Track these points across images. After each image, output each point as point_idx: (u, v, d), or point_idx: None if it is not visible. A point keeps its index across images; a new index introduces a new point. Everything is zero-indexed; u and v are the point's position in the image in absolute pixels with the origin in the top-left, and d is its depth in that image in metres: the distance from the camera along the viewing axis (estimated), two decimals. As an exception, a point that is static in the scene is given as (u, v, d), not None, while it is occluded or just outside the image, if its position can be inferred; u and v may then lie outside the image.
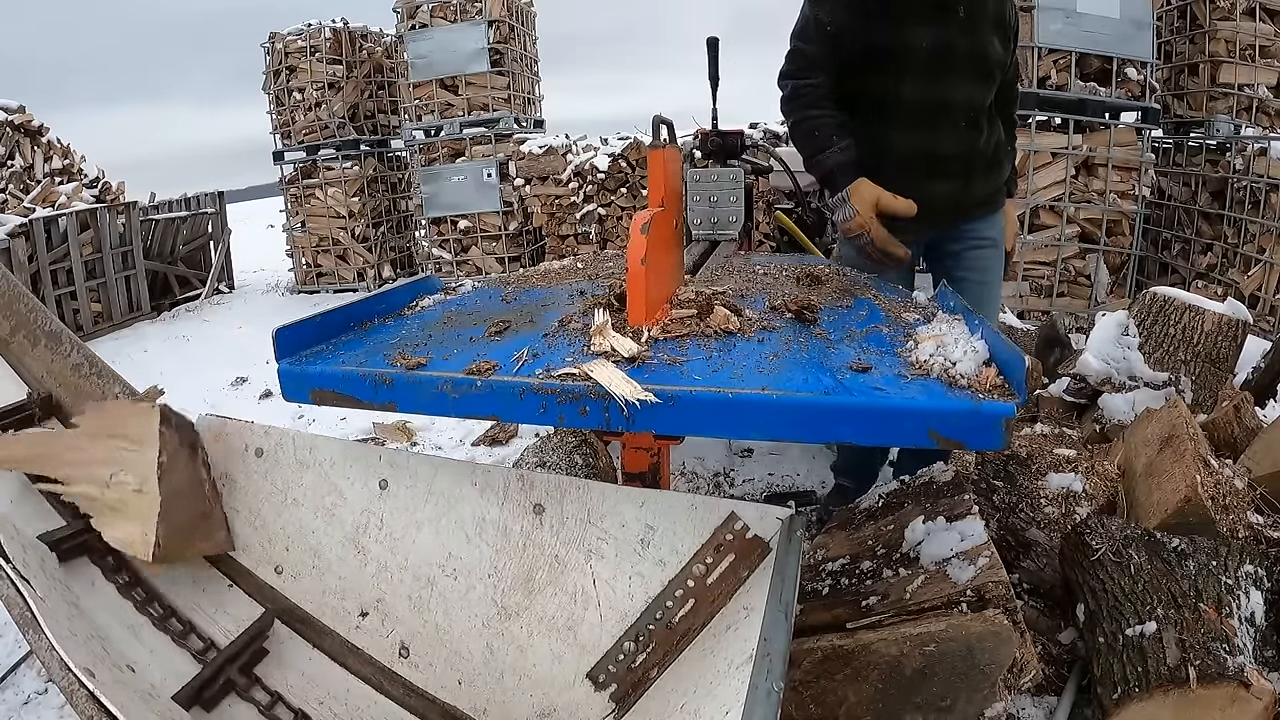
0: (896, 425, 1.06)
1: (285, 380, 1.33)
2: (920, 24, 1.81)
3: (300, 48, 7.47)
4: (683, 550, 1.27)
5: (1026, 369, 1.01)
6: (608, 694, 1.27)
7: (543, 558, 1.36)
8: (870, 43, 1.84)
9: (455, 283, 1.84)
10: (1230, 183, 4.91)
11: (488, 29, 6.75)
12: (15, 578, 1.18)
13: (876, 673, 1.33)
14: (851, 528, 1.69)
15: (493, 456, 3.23)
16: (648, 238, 1.28)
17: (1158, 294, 2.71)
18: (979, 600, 1.31)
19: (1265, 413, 2.48)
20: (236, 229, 8.75)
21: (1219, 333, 2.57)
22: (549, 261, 2.67)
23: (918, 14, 1.81)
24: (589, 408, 1.14)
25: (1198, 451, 1.78)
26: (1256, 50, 5.15)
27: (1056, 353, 3.52)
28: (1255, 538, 1.65)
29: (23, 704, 1.81)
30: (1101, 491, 2.05)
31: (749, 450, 2.98)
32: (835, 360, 1.20)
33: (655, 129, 1.54)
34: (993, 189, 2.05)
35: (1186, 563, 1.51)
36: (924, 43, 1.82)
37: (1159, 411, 2.08)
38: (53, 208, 6.17)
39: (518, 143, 6.34)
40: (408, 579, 1.45)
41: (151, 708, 1.17)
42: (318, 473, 1.55)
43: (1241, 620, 1.41)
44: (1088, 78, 4.90)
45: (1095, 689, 1.48)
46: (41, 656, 1.08)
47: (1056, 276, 4.99)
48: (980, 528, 1.45)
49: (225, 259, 8.29)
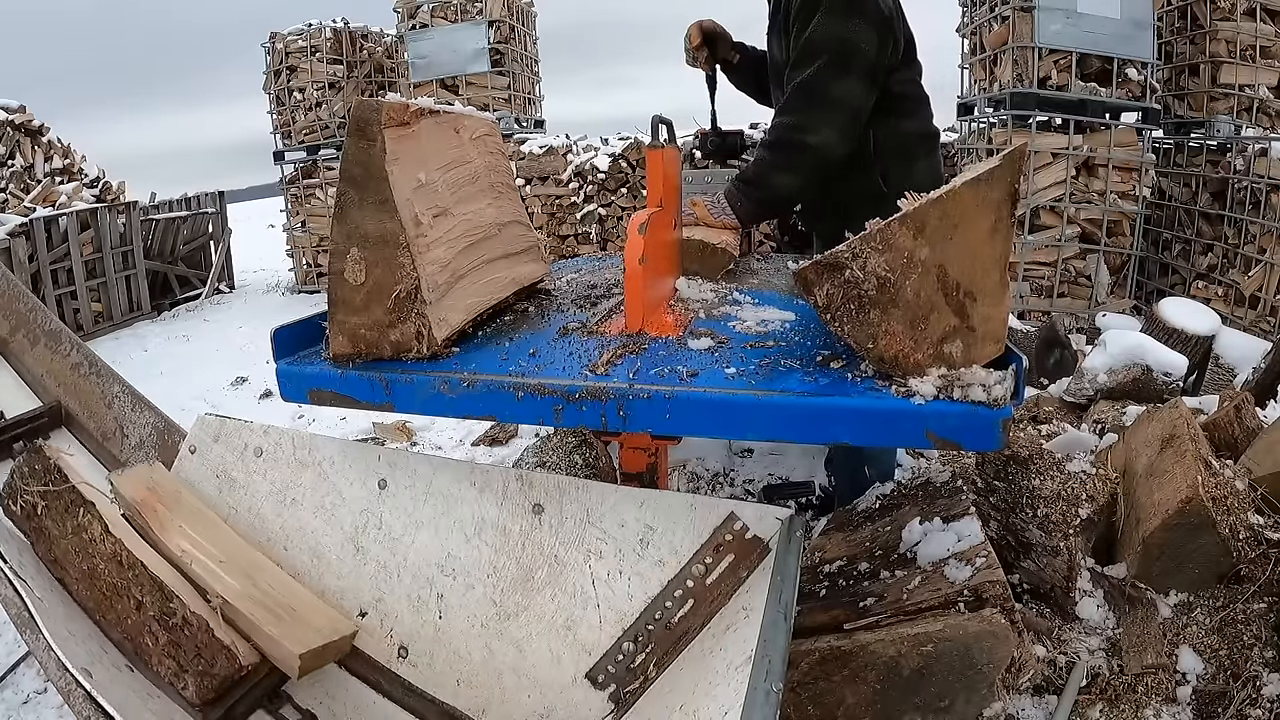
0: (893, 426, 1.06)
1: (283, 380, 1.33)
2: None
3: (300, 48, 7.47)
4: (682, 550, 1.27)
5: (1025, 370, 1.01)
6: (607, 694, 1.27)
7: (542, 558, 1.36)
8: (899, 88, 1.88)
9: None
10: (1231, 183, 4.90)
11: (488, 29, 6.76)
12: (13, 578, 1.19)
13: (874, 673, 1.33)
14: (849, 529, 1.69)
15: (492, 456, 3.22)
16: (645, 238, 1.28)
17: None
18: (976, 600, 1.31)
19: (1265, 413, 2.47)
20: (237, 229, 8.75)
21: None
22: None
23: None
24: (586, 408, 1.14)
25: (1199, 452, 1.77)
26: (1257, 50, 5.15)
27: (1056, 354, 3.52)
28: (1255, 539, 1.65)
29: (22, 703, 1.81)
30: (1102, 492, 2.04)
31: (749, 450, 2.98)
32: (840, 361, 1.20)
33: (655, 129, 1.54)
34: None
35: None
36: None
37: (1160, 411, 2.08)
38: (53, 207, 6.17)
39: (518, 143, 6.34)
40: (407, 579, 1.45)
41: (150, 707, 1.17)
42: (317, 472, 1.55)
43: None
44: (1088, 78, 4.90)
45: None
46: (39, 656, 1.08)
47: (1057, 277, 4.98)
48: (977, 528, 1.45)
49: (225, 259, 8.29)
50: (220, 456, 1.64)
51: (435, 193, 1.32)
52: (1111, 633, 1.66)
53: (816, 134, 1.75)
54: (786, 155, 1.79)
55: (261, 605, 1.34)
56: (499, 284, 1.49)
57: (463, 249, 1.37)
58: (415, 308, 1.23)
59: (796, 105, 1.77)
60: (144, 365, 5.15)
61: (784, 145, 1.79)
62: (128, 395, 1.93)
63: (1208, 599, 1.65)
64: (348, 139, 1.19)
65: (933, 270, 1.07)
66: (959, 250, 1.08)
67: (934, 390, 1.06)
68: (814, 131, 1.75)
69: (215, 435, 1.66)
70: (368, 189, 1.20)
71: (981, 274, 1.11)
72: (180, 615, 1.26)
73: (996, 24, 5.06)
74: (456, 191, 1.39)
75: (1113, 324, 3.94)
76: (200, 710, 1.24)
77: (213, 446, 1.65)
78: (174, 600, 1.27)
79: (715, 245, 1.73)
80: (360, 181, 1.20)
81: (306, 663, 1.28)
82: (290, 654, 1.26)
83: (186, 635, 1.25)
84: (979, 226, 1.09)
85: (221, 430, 1.65)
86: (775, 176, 1.81)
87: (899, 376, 1.10)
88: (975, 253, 1.10)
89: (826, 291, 1.10)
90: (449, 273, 1.32)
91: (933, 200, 1.07)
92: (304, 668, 1.28)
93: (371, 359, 1.28)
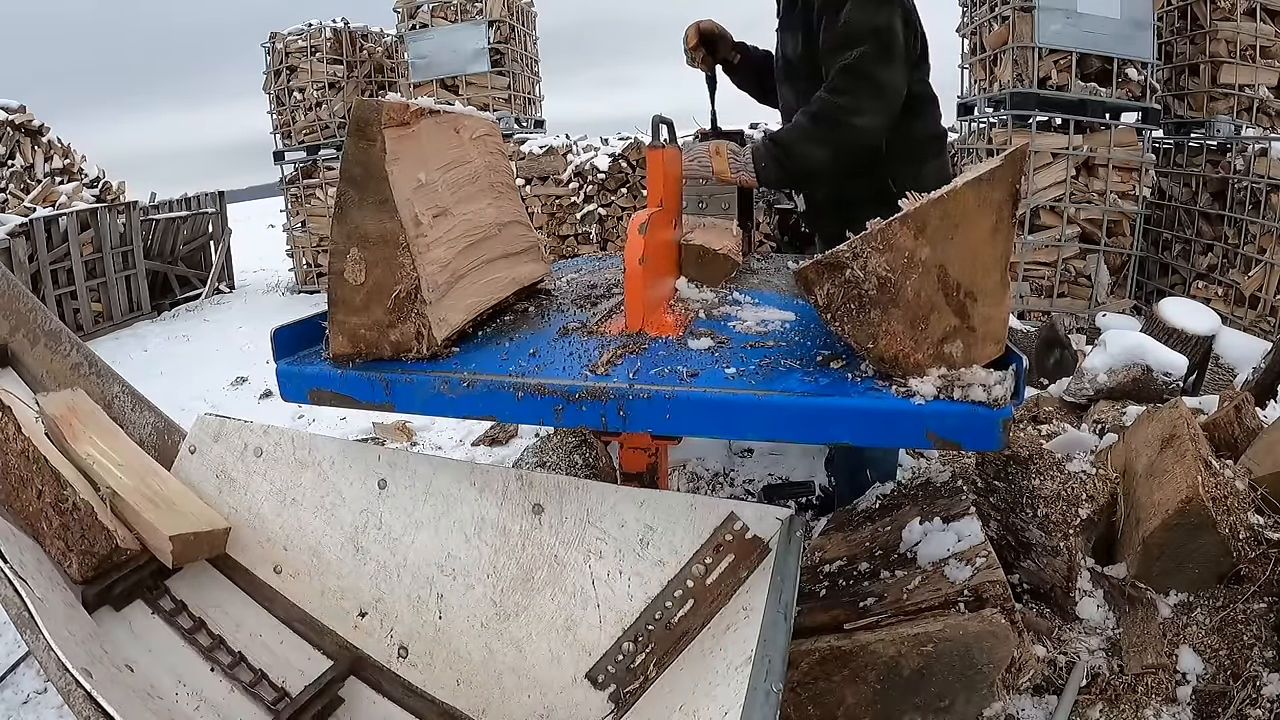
0: (893, 426, 1.06)
1: (283, 380, 1.33)
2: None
3: (300, 48, 7.46)
4: (682, 550, 1.27)
5: (1025, 370, 1.01)
6: (606, 694, 1.27)
7: (542, 558, 1.36)
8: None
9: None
10: (1231, 183, 4.90)
11: (488, 29, 6.75)
12: (13, 578, 1.19)
13: (874, 673, 1.33)
14: (849, 529, 1.69)
15: (492, 456, 3.22)
16: (645, 238, 1.28)
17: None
18: (976, 600, 1.31)
19: (1265, 413, 2.47)
20: (237, 229, 8.75)
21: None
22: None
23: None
24: (586, 408, 1.14)
25: (1199, 452, 1.77)
26: (1257, 51, 5.15)
27: (1056, 354, 3.52)
28: (1255, 539, 1.65)
29: (22, 703, 1.81)
30: (1102, 492, 2.04)
31: (749, 450, 2.98)
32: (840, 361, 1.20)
33: (655, 129, 1.54)
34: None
35: None
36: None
37: (1160, 411, 2.08)
38: (53, 207, 6.17)
39: (518, 143, 6.34)
40: (407, 579, 1.45)
41: (150, 707, 1.17)
42: (317, 472, 1.55)
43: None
44: (1088, 78, 4.90)
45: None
46: (39, 656, 1.08)
47: (1057, 277, 4.98)
48: (977, 528, 1.45)
49: (225, 258, 8.29)
50: (220, 456, 1.64)
51: (435, 193, 1.32)
52: (1111, 633, 1.66)
53: (863, 116, 1.73)
54: (829, 130, 1.75)
55: (146, 499, 1.51)
56: (499, 284, 1.49)
57: (463, 249, 1.37)
58: (415, 308, 1.23)
59: (847, 86, 1.73)
60: (144, 365, 5.15)
61: (829, 120, 1.75)
62: (128, 395, 1.93)
63: (1208, 599, 1.65)
64: (348, 139, 1.19)
65: (933, 270, 1.07)
66: (960, 250, 1.08)
67: (934, 390, 1.06)
68: (862, 114, 1.72)
69: (215, 435, 1.66)
70: (368, 189, 1.20)
71: (982, 274, 1.11)
72: (71, 501, 1.43)
73: (996, 24, 5.06)
74: (456, 191, 1.39)
75: (1113, 324, 3.94)
76: (81, 587, 1.40)
77: (213, 446, 1.65)
78: (68, 489, 1.43)
79: (716, 251, 1.66)
80: (360, 181, 1.20)
81: (178, 549, 1.44)
82: (163, 538, 1.43)
83: (75, 519, 1.42)
84: (980, 226, 1.09)
85: (221, 430, 1.65)
86: (811, 148, 1.77)
87: (899, 376, 1.10)
88: (976, 253, 1.10)
89: (827, 291, 1.10)
90: (449, 273, 1.32)
91: (934, 200, 1.07)
92: (175, 553, 1.44)
93: (371, 359, 1.28)
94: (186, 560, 1.50)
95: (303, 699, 1.31)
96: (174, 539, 1.43)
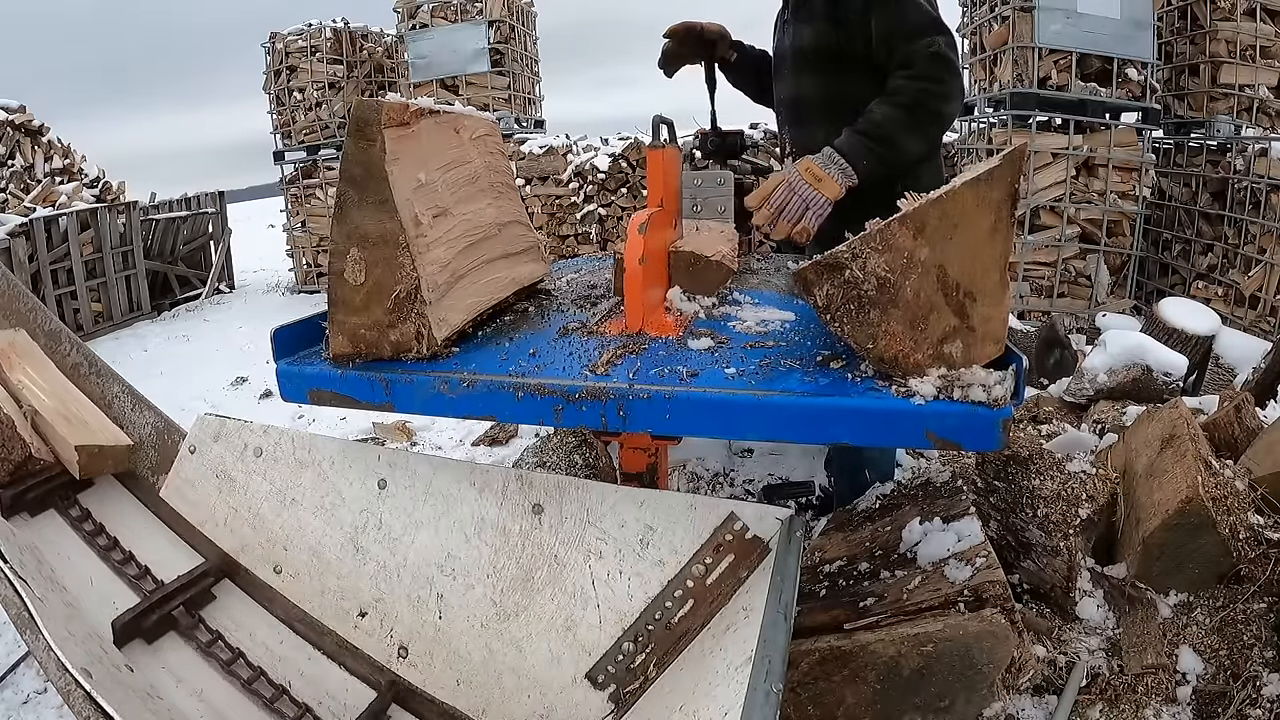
0: (893, 426, 1.06)
1: (283, 380, 1.33)
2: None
3: (300, 48, 7.46)
4: (682, 550, 1.27)
5: (1025, 370, 1.01)
6: (606, 694, 1.27)
7: (542, 558, 1.36)
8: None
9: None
10: (1231, 183, 4.90)
11: (488, 29, 6.75)
12: (13, 578, 1.19)
13: (874, 673, 1.33)
14: (849, 529, 1.69)
15: (492, 456, 3.22)
16: (645, 238, 1.28)
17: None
18: (976, 600, 1.31)
19: (1265, 413, 2.47)
20: (237, 229, 8.75)
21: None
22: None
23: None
24: (586, 408, 1.14)
25: (1199, 452, 1.77)
26: (1257, 51, 5.15)
27: (1056, 354, 3.53)
28: (1255, 539, 1.65)
29: (22, 703, 1.81)
30: (1102, 492, 2.04)
31: (749, 450, 2.98)
32: (840, 361, 1.20)
33: (655, 129, 1.54)
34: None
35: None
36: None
37: (1160, 411, 2.08)
38: (53, 207, 6.17)
39: (518, 143, 6.34)
40: (407, 579, 1.45)
41: (149, 706, 1.17)
42: (316, 472, 1.55)
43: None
44: (1088, 78, 4.90)
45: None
46: (39, 656, 1.08)
47: (1057, 277, 4.98)
48: (977, 528, 1.45)
49: (226, 259, 8.29)
50: (220, 456, 1.64)
51: (435, 193, 1.32)
52: (1111, 633, 1.66)
53: (951, 102, 1.72)
54: (924, 119, 1.71)
55: (63, 418, 1.75)
56: (499, 284, 1.49)
57: (463, 249, 1.37)
58: (415, 308, 1.23)
59: (937, 73, 1.69)
60: (144, 365, 5.15)
61: (922, 109, 1.70)
62: (128, 395, 1.93)
63: (1208, 599, 1.65)
64: (348, 139, 1.19)
65: (933, 270, 1.07)
66: (959, 250, 1.08)
67: (934, 390, 1.06)
68: (951, 99, 1.71)
69: (215, 435, 1.66)
70: (368, 189, 1.20)
71: (981, 274, 1.11)
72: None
73: (996, 24, 5.06)
74: (456, 191, 1.39)
75: (1113, 324, 3.95)
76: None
77: (212, 446, 1.65)
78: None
79: (709, 259, 1.50)
80: (360, 181, 1.20)
81: (83, 459, 1.68)
82: (71, 449, 1.66)
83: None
84: (979, 226, 1.09)
85: (221, 430, 1.65)
86: (912, 138, 1.72)
87: (899, 376, 1.10)
88: (975, 253, 1.10)
89: (826, 291, 1.10)
90: (449, 273, 1.32)
91: (933, 200, 1.07)
92: (82, 464, 1.68)
93: (371, 359, 1.28)
94: (93, 472, 1.73)
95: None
96: (80, 449, 1.66)
